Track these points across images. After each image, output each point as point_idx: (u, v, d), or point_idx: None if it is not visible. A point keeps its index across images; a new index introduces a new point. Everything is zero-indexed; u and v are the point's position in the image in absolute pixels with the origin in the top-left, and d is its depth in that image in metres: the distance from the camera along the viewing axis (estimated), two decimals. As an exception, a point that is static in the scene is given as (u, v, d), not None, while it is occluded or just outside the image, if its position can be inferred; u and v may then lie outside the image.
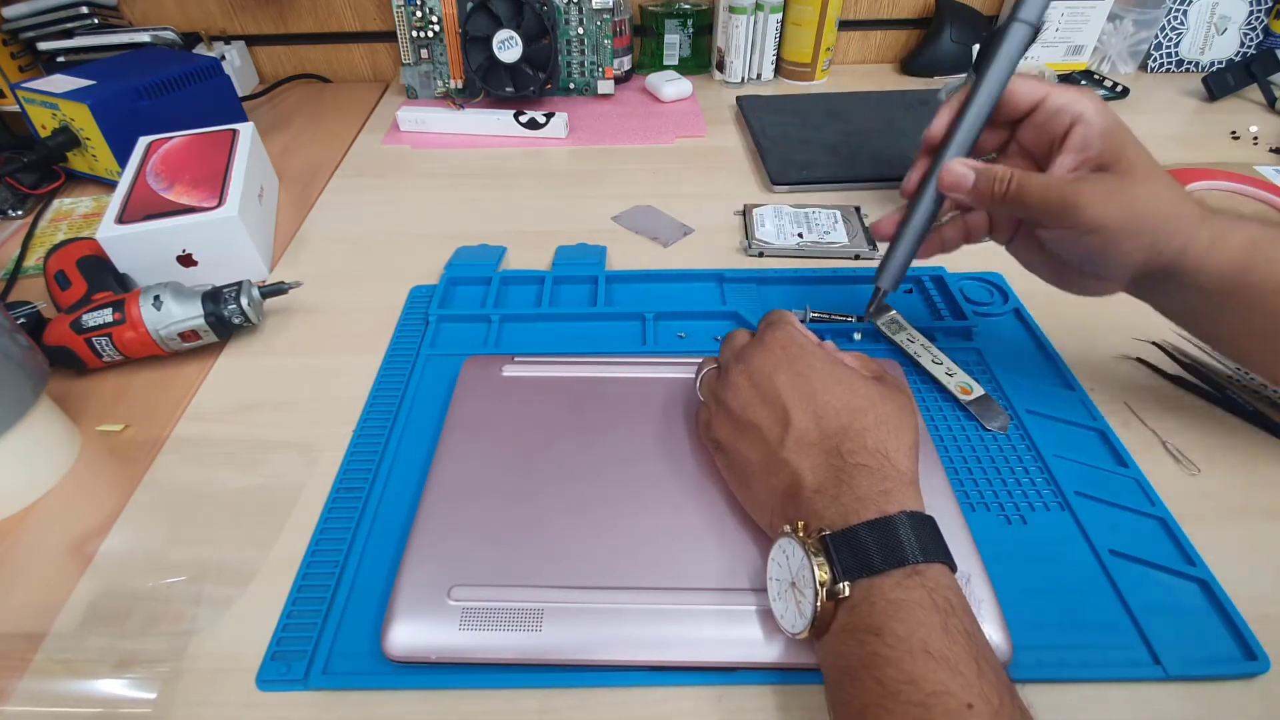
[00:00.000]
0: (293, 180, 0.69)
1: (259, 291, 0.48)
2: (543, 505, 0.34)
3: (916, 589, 0.25)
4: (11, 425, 0.37)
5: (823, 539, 0.27)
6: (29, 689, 0.31)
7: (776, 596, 0.29)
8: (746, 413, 0.32)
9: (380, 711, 0.30)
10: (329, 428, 0.42)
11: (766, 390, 0.32)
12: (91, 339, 0.44)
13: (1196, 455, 0.39)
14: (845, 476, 0.28)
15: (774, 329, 0.34)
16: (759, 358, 0.33)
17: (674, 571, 0.32)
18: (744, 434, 0.32)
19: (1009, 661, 0.29)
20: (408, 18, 0.74)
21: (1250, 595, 0.32)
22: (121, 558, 0.36)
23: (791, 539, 0.28)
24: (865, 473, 0.28)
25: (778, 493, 0.30)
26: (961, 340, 0.47)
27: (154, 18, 0.85)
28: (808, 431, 0.30)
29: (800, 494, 0.29)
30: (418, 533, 0.33)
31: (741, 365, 0.33)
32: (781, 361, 0.32)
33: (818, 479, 0.29)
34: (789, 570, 0.28)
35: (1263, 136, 0.72)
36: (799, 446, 0.30)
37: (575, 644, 0.30)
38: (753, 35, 0.83)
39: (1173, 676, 0.29)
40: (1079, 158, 0.34)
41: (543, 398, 0.40)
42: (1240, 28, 0.83)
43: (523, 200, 0.65)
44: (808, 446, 0.30)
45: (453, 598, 0.31)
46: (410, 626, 0.30)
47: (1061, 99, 0.34)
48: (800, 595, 0.27)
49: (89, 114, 0.62)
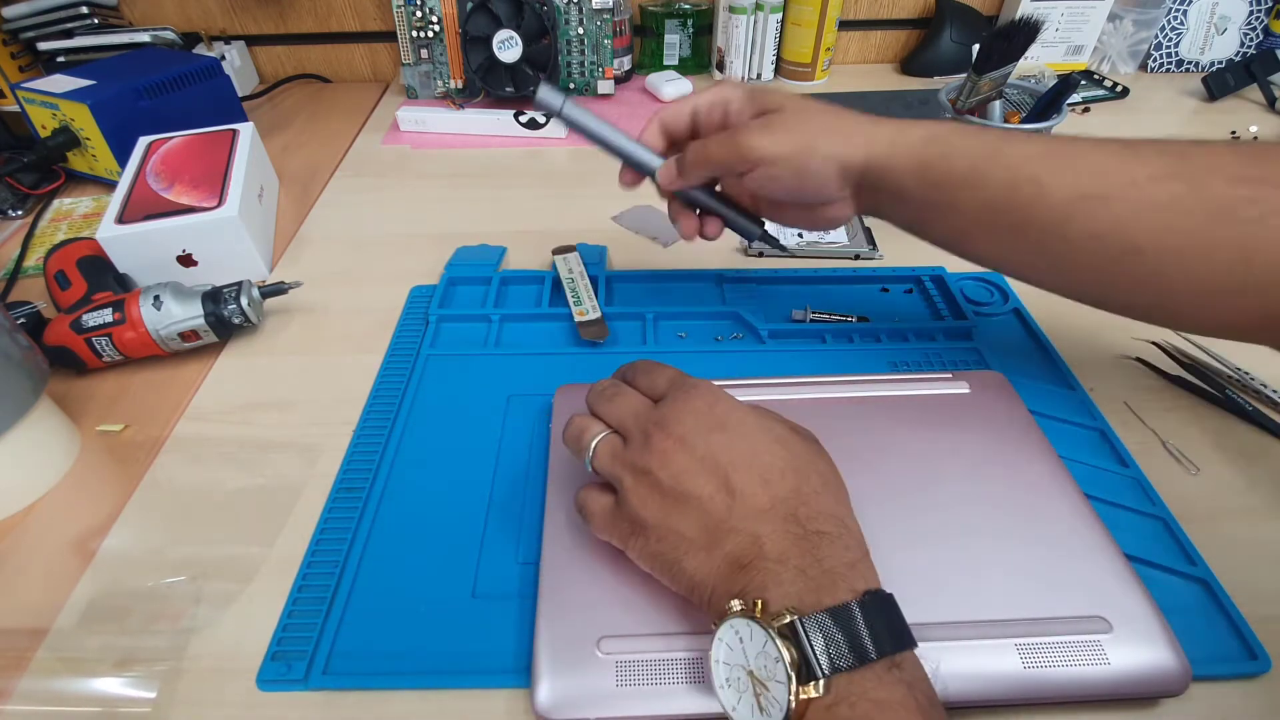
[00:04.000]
0: (293, 180, 0.69)
1: (259, 291, 0.48)
2: None
3: (898, 686, 0.23)
4: (11, 425, 0.37)
5: (791, 624, 0.23)
6: (29, 687, 0.31)
7: (725, 684, 0.25)
8: (681, 483, 0.27)
9: (380, 711, 0.30)
10: (329, 428, 0.42)
11: (703, 455, 0.28)
12: (91, 339, 0.44)
13: (1196, 455, 0.39)
14: (809, 545, 0.26)
15: (691, 388, 0.30)
16: (687, 420, 0.29)
17: None
18: (678, 507, 0.27)
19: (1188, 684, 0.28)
20: (408, 18, 0.74)
21: (1251, 595, 0.32)
22: (122, 557, 0.36)
23: (749, 620, 0.24)
24: (827, 540, 0.26)
25: (723, 565, 0.26)
26: (962, 340, 0.47)
27: (154, 18, 0.85)
28: (756, 497, 0.27)
29: (758, 564, 0.26)
30: (547, 581, 0.31)
31: (665, 431, 0.28)
32: (713, 423, 0.28)
33: (779, 547, 0.26)
34: (744, 656, 0.24)
35: (1262, 136, 0.72)
36: (751, 513, 0.27)
37: None
38: (753, 35, 0.83)
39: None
40: (738, 120, 0.38)
41: None
42: (1240, 28, 0.83)
43: (523, 200, 0.65)
44: (759, 513, 0.26)
45: (603, 650, 0.29)
46: (561, 683, 0.28)
47: (704, 102, 0.39)
48: (761, 688, 0.24)
49: (89, 114, 0.62)
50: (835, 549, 0.26)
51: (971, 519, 0.33)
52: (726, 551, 0.26)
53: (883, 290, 0.52)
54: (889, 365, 0.45)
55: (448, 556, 0.35)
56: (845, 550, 0.26)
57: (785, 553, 0.25)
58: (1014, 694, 0.28)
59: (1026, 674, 0.28)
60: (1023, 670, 0.28)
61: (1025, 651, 0.28)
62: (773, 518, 0.26)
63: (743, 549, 0.26)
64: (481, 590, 0.33)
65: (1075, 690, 0.28)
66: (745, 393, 0.40)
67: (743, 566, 0.26)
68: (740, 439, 0.28)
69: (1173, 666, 0.28)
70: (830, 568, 0.25)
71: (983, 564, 0.31)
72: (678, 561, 0.27)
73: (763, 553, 0.26)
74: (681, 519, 0.27)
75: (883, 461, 0.36)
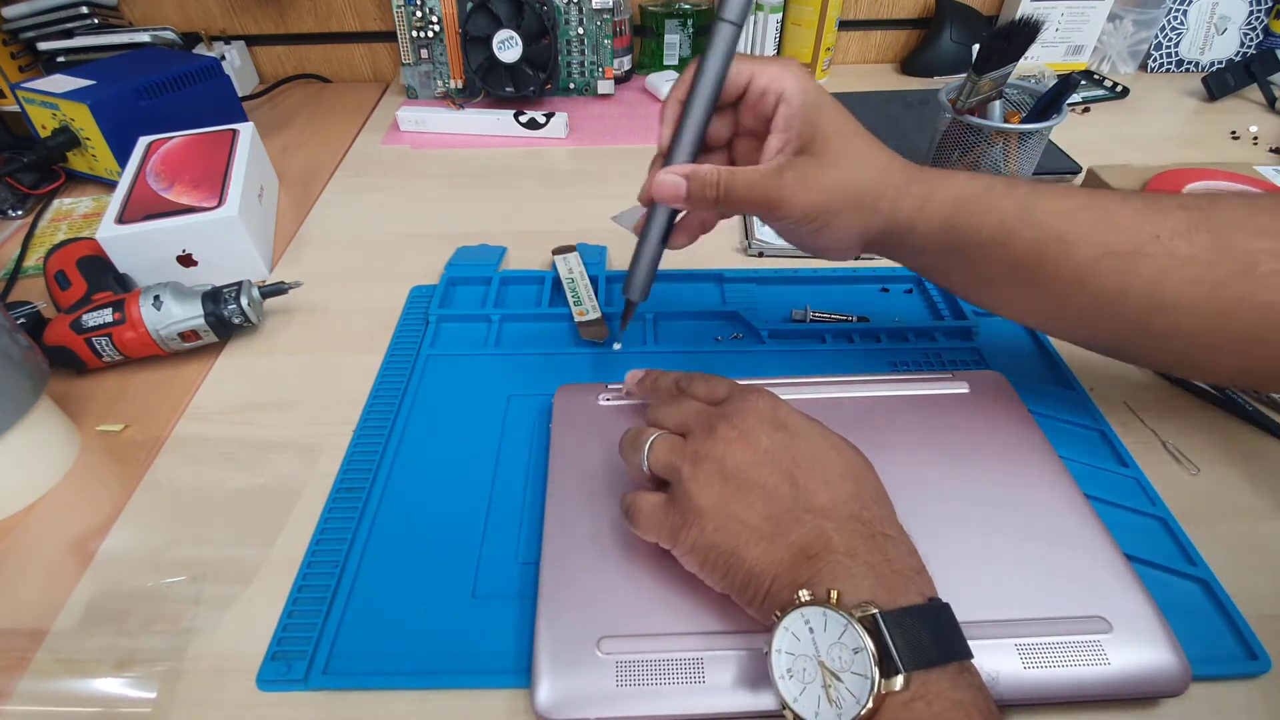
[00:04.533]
0: (293, 180, 0.69)
1: (259, 291, 0.48)
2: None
3: (971, 689, 0.23)
4: (11, 425, 0.37)
5: (873, 617, 0.23)
6: (29, 688, 0.31)
7: (787, 674, 0.24)
8: (744, 471, 0.28)
9: (380, 711, 0.30)
10: (329, 428, 0.42)
11: (766, 449, 0.28)
12: (91, 339, 0.44)
13: (1196, 455, 0.39)
14: (877, 545, 0.26)
15: (754, 391, 0.31)
16: (750, 417, 0.29)
17: None
18: (740, 494, 0.28)
19: (1188, 684, 0.28)
20: (408, 18, 0.74)
21: (1250, 595, 0.32)
22: (121, 557, 0.36)
23: (825, 609, 0.24)
24: (893, 543, 0.26)
25: (787, 554, 0.26)
26: (962, 340, 0.47)
27: (154, 18, 0.85)
28: (819, 494, 0.27)
29: (827, 555, 0.25)
30: (547, 581, 0.31)
31: (729, 423, 0.29)
32: (776, 423, 0.29)
33: (848, 542, 0.26)
34: (813, 646, 0.24)
35: (1262, 136, 0.72)
36: (814, 507, 0.27)
37: (743, 692, 0.28)
38: (753, 35, 0.83)
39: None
40: (783, 138, 0.34)
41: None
42: (1240, 28, 0.83)
43: (523, 200, 0.65)
44: (824, 509, 0.27)
45: (603, 650, 0.29)
46: (561, 683, 0.28)
47: (764, 78, 0.34)
48: (832, 679, 0.23)
49: (89, 114, 0.62)
50: (901, 552, 0.26)
51: (971, 519, 0.33)
52: (792, 540, 0.26)
53: (883, 290, 0.52)
54: (889, 365, 0.45)
55: (448, 556, 0.35)
56: (910, 556, 0.26)
57: (855, 549, 0.26)
58: (1014, 694, 0.28)
59: (1026, 674, 0.28)
60: (1023, 670, 0.28)
61: (1025, 651, 0.28)
62: (837, 516, 0.27)
63: (810, 539, 0.26)
64: (481, 590, 0.33)
65: (1075, 690, 0.28)
66: None
67: (810, 557, 0.26)
68: (802, 440, 0.29)
69: (1173, 666, 0.28)
70: (900, 569, 0.25)
71: (983, 564, 0.31)
72: (736, 550, 0.27)
73: (831, 545, 0.26)
74: (744, 506, 0.27)
75: (883, 461, 0.36)
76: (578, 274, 0.51)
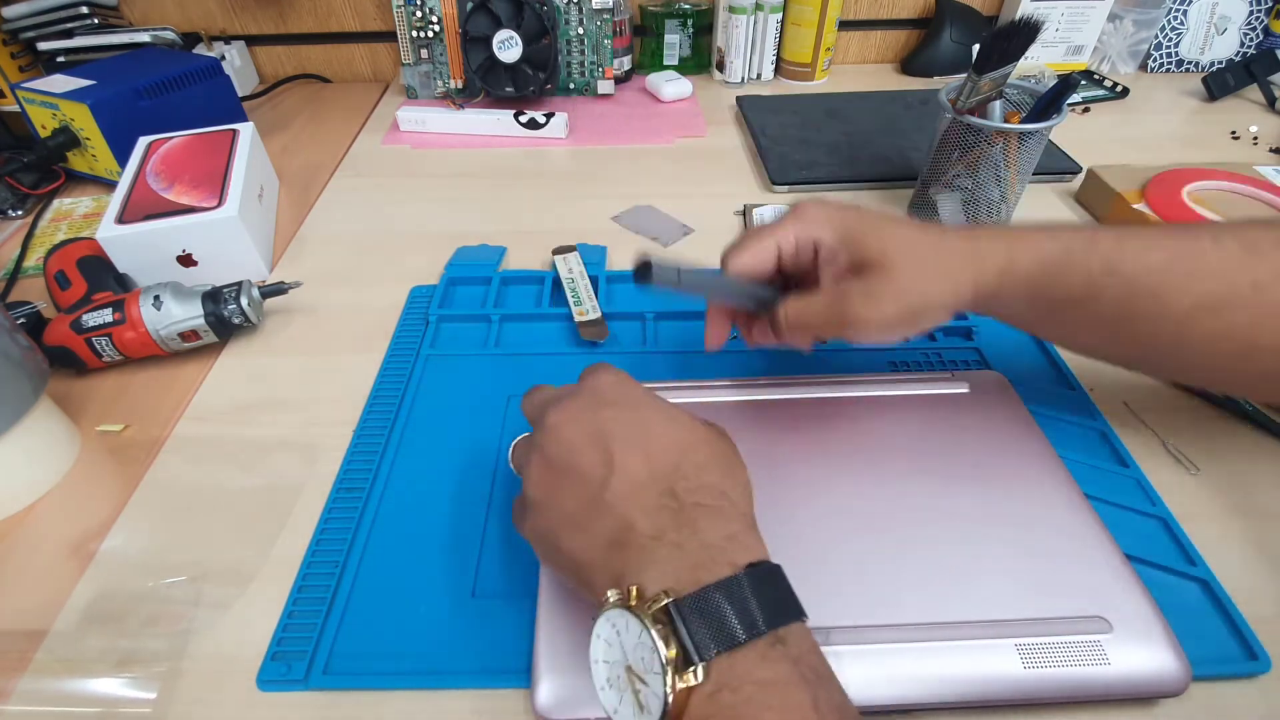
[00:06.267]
0: (293, 180, 0.69)
1: (259, 291, 0.48)
2: None
3: (781, 663, 0.22)
4: (11, 425, 0.37)
5: (666, 609, 0.22)
6: (29, 688, 0.31)
7: (606, 684, 0.24)
8: (564, 457, 0.27)
9: (380, 711, 0.30)
10: (329, 428, 0.42)
11: (590, 429, 0.27)
12: (91, 339, 0.44)
13: (1196, 455, 0.39)
14: (685, 519, 0.25)
15: (596, 373, 0.30)
16: (584, 397, 0.28)
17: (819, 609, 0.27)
18: (561, 482, 0.27)
19: (1188, 685, 0.28)
20: (408, 18, 0.74)
21: (1250, 595, 0.32)
22: (121, 557, 0.36)
23: (622, 610, 0.23)
24: (705, 513, 0.25)
25: (601, 545, 0.25)
26: (962, 340, 0.47)
27: (154, 18, 0.85)
28: (636, 471, 0.26)
29: (632, 541, 0.25)
30: (547, 581, 0.31)
31: (559, 407, 0.28)
32: (606, 400, 0.28)
33: (653, 523, 0.25)
34: (621, 650, 0.23)
35: (1262, 136, 0.72)
36: (627, 488, 0.25)
37: None
38: (753, 35, 0.83)
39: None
40: (833, 271, 0.34)
41: None
42: (1240, 28, 0.83)
43: (523, 200, 0.65)
44: (637, 488, 0.25)
45: None
46: (561, 683, 0.28)
47: (790, 241, 0.34)
48: (640, 684, 0.22)
49: (89, 114, 0.62)
50: (714, 522, 0.25)
51: (971, 519, 0.33)
52: (602, 528, 0.25)
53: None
54: (888, 365, 0.45)
55: (448, 556, 0.35)
56: (726, 523, 0.25)
57: (661, 528, 0.25)
58: (1014, 694, 0.28)
59: (1026, 674, 0.28)
60: (1023, 670, 0.28)
61: (1025, 652, 0.28)
62: (650, 492, 0.25)
63: (615, 526, 0.25)
64: (481, 590, 0.33)
65: (1075, 690, 0.28)
66: (745, 393, 0.40)
67: (619, 545, 0.25)
68: (630, 412, 0.28)
69: (1172, 667, 0.28)
70: (709, 541, 0.24)
71: (983, 564, 0.31)
72: (559, 542, 0.27)
73: (636, 530, 0.25)
74: (564, 494, 0.27)
75: (882, 461, 0.36)
76: (578, 274, 0.51)
